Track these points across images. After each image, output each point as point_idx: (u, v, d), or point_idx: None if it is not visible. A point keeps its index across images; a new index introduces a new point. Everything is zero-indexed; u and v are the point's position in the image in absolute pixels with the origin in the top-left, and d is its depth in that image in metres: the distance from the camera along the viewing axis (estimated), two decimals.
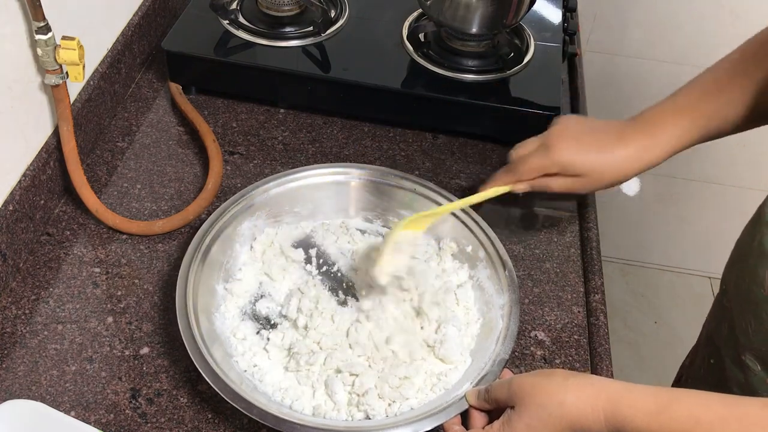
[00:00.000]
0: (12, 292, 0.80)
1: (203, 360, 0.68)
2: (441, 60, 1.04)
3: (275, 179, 0.85)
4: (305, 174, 0.87)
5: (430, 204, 0.85)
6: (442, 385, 0.73)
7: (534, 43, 1.08)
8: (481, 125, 1.02)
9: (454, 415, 0.67)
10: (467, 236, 0.83)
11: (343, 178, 0.88)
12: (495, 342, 0.73)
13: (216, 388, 0.66)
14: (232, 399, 0.66)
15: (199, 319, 0.72)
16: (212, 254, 0.78)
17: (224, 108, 1.05)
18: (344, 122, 1.05)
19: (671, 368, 1.06)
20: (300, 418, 0.67)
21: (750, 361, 0.75)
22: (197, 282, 0.75)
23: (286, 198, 0.86)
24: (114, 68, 1.00)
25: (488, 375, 0.70)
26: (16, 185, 0.81)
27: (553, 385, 0.61)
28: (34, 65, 0.82)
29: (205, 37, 1.04)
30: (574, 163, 0.79)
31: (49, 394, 0.72)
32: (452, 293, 0.80)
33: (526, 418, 0.61)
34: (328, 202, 0.88)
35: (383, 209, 0.88)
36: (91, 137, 0.96)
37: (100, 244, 0.86)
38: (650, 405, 0.57)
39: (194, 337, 0.70)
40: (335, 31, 1.07)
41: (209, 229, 0.79)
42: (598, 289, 0.86)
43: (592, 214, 0.95)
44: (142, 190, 0.93)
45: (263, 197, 0.84)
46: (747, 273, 0.74)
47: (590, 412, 0.58)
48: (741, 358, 0.76)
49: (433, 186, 0.86)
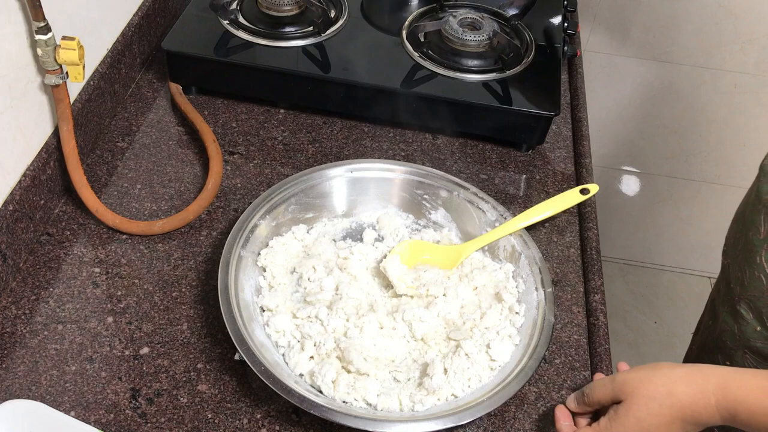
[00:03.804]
0: (12, 292, 0.80)
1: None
2: (441, 60, 1.04)
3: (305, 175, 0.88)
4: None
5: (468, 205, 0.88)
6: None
7: (534, 43, 1.08)
8: (481, 125, 1.02)
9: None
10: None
11: (390, 174, 0.90)
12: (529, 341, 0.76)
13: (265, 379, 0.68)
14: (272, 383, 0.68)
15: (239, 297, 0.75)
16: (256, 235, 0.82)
17: (224, 108, 1.05)
18: (344, 122, 1.05)
19: None
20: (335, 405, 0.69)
21: (744, 310, 0.76)
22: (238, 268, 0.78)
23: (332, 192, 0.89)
24: (114, 68, 1.00)
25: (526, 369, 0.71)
26: (16, 185, 0.81)
27: (661, 376, 0.61)
28: (34, 65, 0.82)
29: (205, 37, 1.04)
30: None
31: (49, 394, 0.72)
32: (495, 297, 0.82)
33: (636, 411, 0.61)
34: (370, 197, 0.90)
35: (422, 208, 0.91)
36: (91, 137, 0.96)
37: (100, 244, 0.86)
38: (762, 382, 0.57)
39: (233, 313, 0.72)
40: (335, 31, 1.07)
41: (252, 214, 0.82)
42: (598, 289, 0.86)
43: (592, 214, 0.95)
44: (142, 190, 0.93)
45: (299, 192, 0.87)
46: (744, 223, 0.75)
47: (700, 398, 0.59)
48: (736, 308, 0.77)
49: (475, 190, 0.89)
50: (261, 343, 0.73)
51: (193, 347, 0.77)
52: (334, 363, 0.72)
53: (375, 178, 0.90)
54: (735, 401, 0.58)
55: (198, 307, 0.81)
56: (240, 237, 0.80)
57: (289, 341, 0.75)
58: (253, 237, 0.81)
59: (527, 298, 0.80)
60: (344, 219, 0.90)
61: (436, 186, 0.89)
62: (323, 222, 0.89)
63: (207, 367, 0.76)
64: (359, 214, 0.90)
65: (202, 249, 0.87)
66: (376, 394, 0.71)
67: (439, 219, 0.90)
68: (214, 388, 0.74)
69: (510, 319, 0.79)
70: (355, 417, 0.67)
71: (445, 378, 0.72)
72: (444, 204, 0.89)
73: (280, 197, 0.85)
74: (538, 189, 0.99)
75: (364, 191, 0.90)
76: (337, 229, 0.89)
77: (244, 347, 0.69)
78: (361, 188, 0.90)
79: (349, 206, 0.90)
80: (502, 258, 0.85)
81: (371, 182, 0.90)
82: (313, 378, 0.72)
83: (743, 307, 0.76)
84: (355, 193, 0.90)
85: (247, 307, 0.76)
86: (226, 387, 0.74)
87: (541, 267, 0.81)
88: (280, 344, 0.75)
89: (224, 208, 0.92)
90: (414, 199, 0.90)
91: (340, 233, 0.89)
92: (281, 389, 0.67)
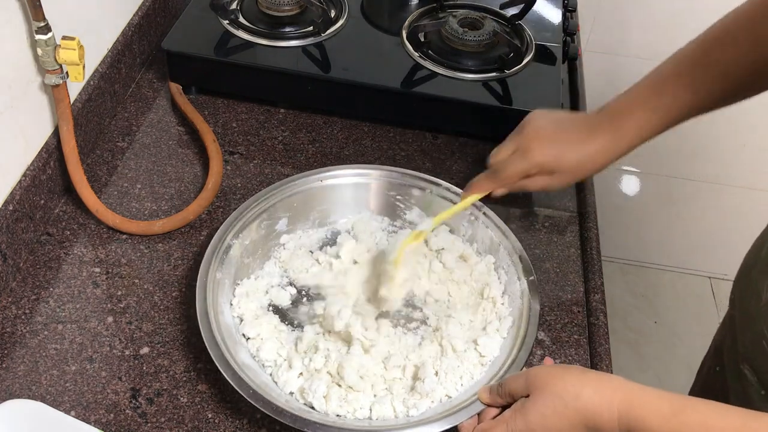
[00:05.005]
0: (12, 292, 0.80)
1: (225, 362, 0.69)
2: (441, 60, 1.04)
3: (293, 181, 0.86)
4: (326, 175, 0.88)
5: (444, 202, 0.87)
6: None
7: (534, 43, 1.08)
8: (481, 125, 1.02)
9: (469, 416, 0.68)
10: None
11: (364, 180, 0.89)
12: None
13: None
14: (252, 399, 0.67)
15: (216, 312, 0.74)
16: (232, 253, 0.80)
17: (224, 108, 1.05)
18: (344, 122, 1.05)
19: (671, 368, 1.06)
20: (320, 418, 0.68)
21: (747, 372, 0.75)
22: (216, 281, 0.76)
23: (307, 199, 0.87)
24: (114, 68, 1.00)
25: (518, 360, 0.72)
26: (16, 185, 0.81)
27: (571, 377, 0.61)
28: (34, 65, 0.82)
29: (205, 37, 1.04)
30: (551, 163, 0.80)
31: (49, 394, 0.72)
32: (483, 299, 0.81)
33: (541, 407, 0.60)
34: (347, 203, 0.89)
35: (400, 209, 0.90)
36: (91, 137, 0.96)
37: (100, 244, 0.86)
38: (665, 408, 0.57)
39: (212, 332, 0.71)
40: (335, 31, 1.07)
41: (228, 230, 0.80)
42: (598, 289, 0.86)
43: (592, 214, 0.95)
44: (142, 190, 0.93)
45: (283, 199, 0.85)
46: (750, 283, 0.74)
47: (605, 409, 0.58)
48: (739, 368, 0.76)
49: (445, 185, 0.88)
50: (247, 365, 0.71)
51: (193, 347, 0.77)
52: (324, 378, 0.72)
53: (347, 184, 0.88)
54: (636, 421, 0.57)
55: None
56: (215, 259, 0.77)
57: (276, 360, 0.74)
58: (228, 258, 0.79)
59: (510, 289, 0.80)
60: (319, 229, 0.88)
61: (407, 185, 0.88)
62: (298, 234, 0.87)
63: (207, 367, 0.76)
64: (334, 223, 0.89)
65: (203, 249, 0.86)
66: (369, 407, 0.71)
67: (414, 218, 0.89)
68: (214, 388, 0.74)
69: (495, 312, 0.79)
70: (350, 430, 0.67)
71: (436, 380, 0.72)
72: (417, 203, 0.88)
73: (251, 214, 0.82)
74: None
75: (337, 198, 0.88)
76: (312, 240, 0.87)
77: (230, 372, 0.68)
78: (333, 196, 0.88)
79: (323, 215, 0.88)
80: (481, 251, 0.85)
81: (343, 189, 0.88)
82: (304, 395, 0.71)
83: (746, 368, 0.75)
84: (327, 201, 0.88)
85: (229, 329, 0.74)
86: (226, 387, 0.74)
87: (522, 256, 0.81)
88: (266, 364, 0.74)
89: (224, 208, 0.92)
90: (387, 201, 0.89)
91: (316, 243, 0.87)
92: (273, 411, 0.66)
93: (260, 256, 0.84)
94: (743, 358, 0.75)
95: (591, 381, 0.60)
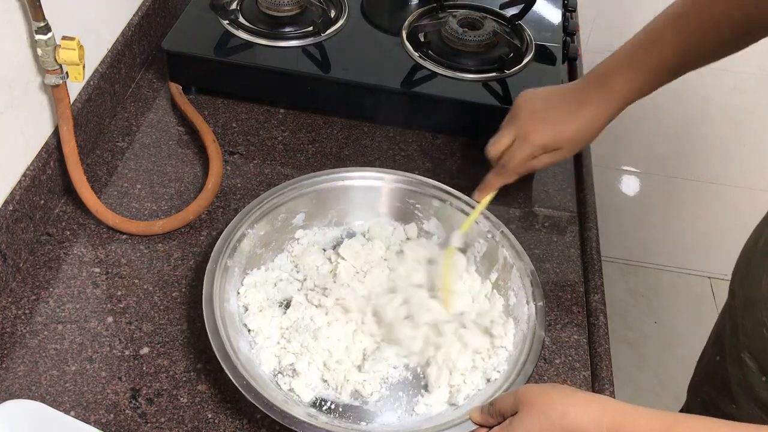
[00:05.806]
0: (12, 292, 0.80)
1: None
2: (441, 60, 1.04)
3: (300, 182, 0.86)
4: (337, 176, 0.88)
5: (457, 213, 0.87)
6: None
7: (534, 43, 1.08)
8: (481, 125, 1.02)
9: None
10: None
11: (378, 183, 0.88)
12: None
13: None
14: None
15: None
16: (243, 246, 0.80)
17: (224, 108, 1.05)
18: (344, 122, 1.05)
19: (671, 368, 1.06)
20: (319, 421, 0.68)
21: (748, 359, 0.75)
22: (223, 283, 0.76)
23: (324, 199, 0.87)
24: (114, 68, 1.00)
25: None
26: (16, 185, 0.81)
27: (559, 395, 0.60)
28: (34, 65, 0.82)
29: (205, 37, 1.04)
30: (552, 141, 0.82)
31: (49, 394, 0.72)
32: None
33: (527, 424, 0.60)
34: (366, 204, 0.89)
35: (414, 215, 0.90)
36: (91, 137, 0.96)
37: (100, 244, 0.86)
38: (654, 425, 0.56)
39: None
40: (335, 31, 1.07)
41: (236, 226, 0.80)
42: (598, 289, 0.86)
43: (592, 214, 0.95)
44: (142, 190, 0.93)
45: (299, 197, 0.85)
46: (750, 271, 0.74)
47: (593, 428, 0.58)
48: (740, 355, 0.76)
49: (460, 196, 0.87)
50: (247, 358, 0.72)
51: (193, 347, 0.77)
52: (318, 371, 0.74)
53: (366, 187, 0.88)
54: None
55: (198, 307, 0.80)
56: (227, 246, 0.77)
57: (274, 352, 0.75)
58: (240, 247, 0.79)
59: (518, 312, 0.78)
60: (335, 228, 0.88)
61: (428, 195, 0.87)
62: (313, 231, 0.87)
63: (207, 367, 0.76)
64: (350, 223, 0.89)
65: (202, 249, 0.87)
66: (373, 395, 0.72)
67: (431, 228, 0.88)
68: (214, 388, 0.74)
69: (496, 350, 0.77)
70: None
71: (444, 388, 0.73)
72: (436, 213, 0.88)
73: (269, 205, 0.82)
74: (539, 189, 0.99)
75: (356, 200, 0.88)
76: (327, 238, 0.87)
77: (227, 363, 0.68)
78: (353, 197, 0.88)
79: (341, 214, 0.88)
80: (494, 270, 0.83)
81: (364, 191, 0.88)
82: (299, 391, 0.72)
83: (747, 356, 0.75)
84: (347, 201, 0.88)
85: (232, 317, 0.75)
86: (226, 387, 0.74)
87: (533, 280, 0.79)
88: (264, 360, 0.74)
89: (224, 208, 0.92)
90: (406, 208, 0.89)
91: (330, 242, 0.87)
92: (277, 414, 0.66)
93: (273, 249, 0.84)
94: (744, 345, 0.75)
95: (579, 400, 0.59)
